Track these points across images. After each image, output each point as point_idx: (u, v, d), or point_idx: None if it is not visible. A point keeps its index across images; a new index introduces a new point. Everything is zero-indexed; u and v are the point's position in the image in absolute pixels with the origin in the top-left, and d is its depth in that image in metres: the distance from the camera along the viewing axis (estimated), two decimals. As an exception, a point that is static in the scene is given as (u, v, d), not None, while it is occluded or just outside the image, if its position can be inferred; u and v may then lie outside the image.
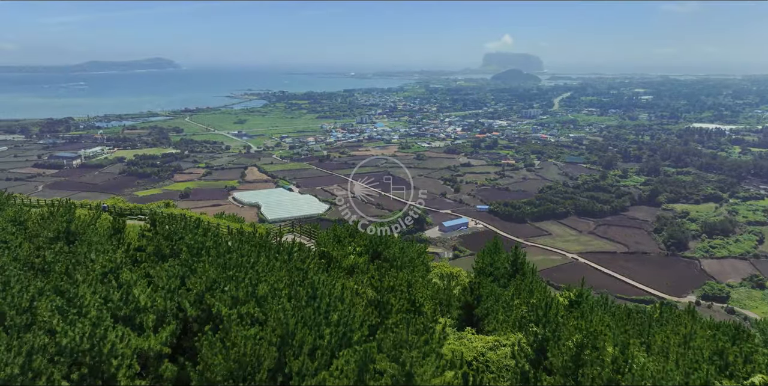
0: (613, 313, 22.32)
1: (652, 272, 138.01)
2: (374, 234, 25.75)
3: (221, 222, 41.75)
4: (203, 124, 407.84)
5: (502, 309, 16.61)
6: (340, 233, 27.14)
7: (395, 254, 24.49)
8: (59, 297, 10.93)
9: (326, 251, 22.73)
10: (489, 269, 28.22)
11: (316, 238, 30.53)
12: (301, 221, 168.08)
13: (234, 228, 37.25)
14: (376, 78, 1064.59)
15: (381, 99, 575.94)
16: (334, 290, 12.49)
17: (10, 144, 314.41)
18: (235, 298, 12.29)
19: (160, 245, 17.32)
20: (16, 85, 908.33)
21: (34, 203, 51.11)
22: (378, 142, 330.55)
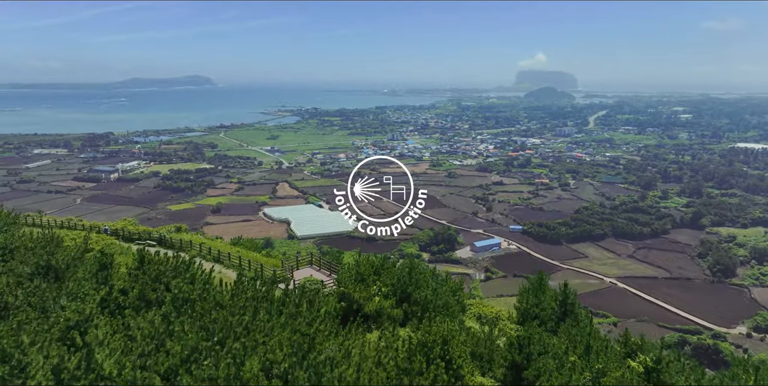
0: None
1: (697, 300, 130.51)
2: (403, 270, 22.95)
3: (235, 252, 39.04)
4: (237, 139, 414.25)
5: (557, 370, 13.69)
6: (364, 270, 24.27)
7: (427, 296, 21.44)
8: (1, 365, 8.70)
9: (347, 292, 20.25)
10: (534, 310, 24.93)
11: (337, 274, 27.31)
12: (331, 238, 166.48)
13: (227, 281, 33.90)
14: (408, 95, 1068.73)
15: (412, 116, 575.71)
16: (345, 374, 9.75)
17: (53, 158, 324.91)
18: (213, 379, 9.64)
19: (145, 288, 15.04)
20: (61, 101, 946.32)
21: (45, 222, 50.34)
22: (409, 159, 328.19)
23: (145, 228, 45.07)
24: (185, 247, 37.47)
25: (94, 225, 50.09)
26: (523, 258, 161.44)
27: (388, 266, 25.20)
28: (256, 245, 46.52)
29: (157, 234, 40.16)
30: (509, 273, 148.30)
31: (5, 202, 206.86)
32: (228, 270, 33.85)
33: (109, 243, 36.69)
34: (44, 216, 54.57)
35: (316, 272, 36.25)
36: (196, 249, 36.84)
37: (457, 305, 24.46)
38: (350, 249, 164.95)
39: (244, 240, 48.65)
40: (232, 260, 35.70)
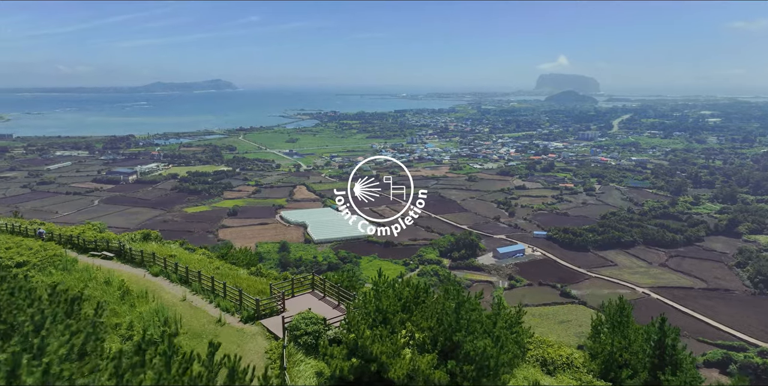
0: None
1: (738, 313, 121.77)
2: (446, 306, 15.72)
3: (213, 268, 30.13)
4: (256, 142, 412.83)
5: None
6: (388, 306, 16.90)
7: (486, 349, 14.07)
8: None
9: (362, 343, 13.33)
10: (621, 356, 18.41)
11: (348, 311, 18.70)
12: (348, 243, 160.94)
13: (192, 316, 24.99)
14: (427, 99, 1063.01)
15: (432, 120, 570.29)
16: None
17: (74, 160, 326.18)
18: None
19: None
20: (86, 104, 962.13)
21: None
22: (428, 162, 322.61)
23: (105, 235, 37.85)
24: (147, 261, 29.97)
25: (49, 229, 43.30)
26: (548, 265, 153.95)
27: (422, 298, 18.90)
28: (249, 259, 38.54)
29: (116, 243, 32.87)
30: (534, 281, 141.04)
31: (24, 203, 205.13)
32: (196, 296, 26.18)
33: (51, 255, 29.31)
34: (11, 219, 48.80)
35: (318, 300, 27.00)
36: (160, 265, 29.05)
37: (518, 348, 18.13)
38: (368, 254, 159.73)
39: (236, 251, 40.04)
40: (204, 282, 27.01)
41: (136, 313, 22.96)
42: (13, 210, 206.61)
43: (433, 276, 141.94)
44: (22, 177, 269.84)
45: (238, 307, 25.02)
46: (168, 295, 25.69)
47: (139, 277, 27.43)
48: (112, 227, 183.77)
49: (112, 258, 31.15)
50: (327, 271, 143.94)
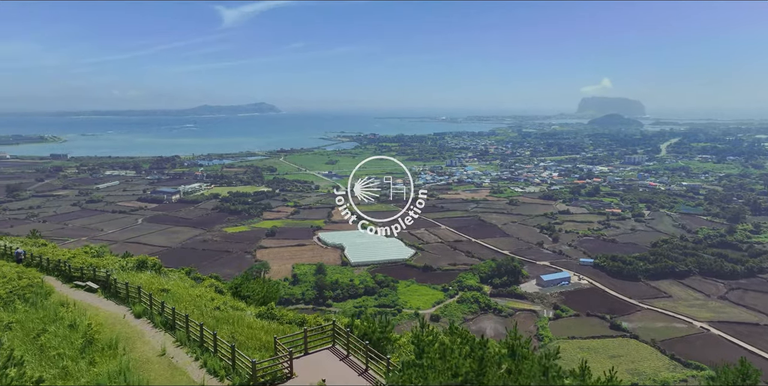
0: None
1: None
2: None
3: (212, 307, 24.35)
4: (296, 164, 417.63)
5: None
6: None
7: None
8: None
9: None
10: None
11: (384, 373, 15.56)
12: (386, 266, 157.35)
13: None
14: (467, 122, 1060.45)
15: (472, 142, 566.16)
16: None
17: (122, 179, 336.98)
18: None
19: None
20: (137, 126, 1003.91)
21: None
22: (468, 185, 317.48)
23: (94, 262, 31.96)
24: (132, 297, 24.76)
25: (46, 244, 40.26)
26: (596, 295, 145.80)
27: (493, 374, 13.49)
28: (266, 294, 31.31)
29: (103, 272, 27.46)
30: (581, 312, 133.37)
31: (72, 220, 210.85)
32: (180, 350, 20.62)
33: (24, 285, 25.20)
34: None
35: (339, 361, 20.33)
36: (145, 303, 23.81)
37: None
38: (406, 278, 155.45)
39: (252, 283, 33.74)
40: (193, 329, 21.13)
41: (93, 374, 18.20)
42: (61, 227, 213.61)
43: (473, 303, 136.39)
44: (72, 195, 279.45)
45: (230, 369, 19.23)
46: (145, 347, 20.61)
47: (118, 318, 22.76)
48: (154, 245, 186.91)
49: (96, 291, 26.55)
50: (364, 295, 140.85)
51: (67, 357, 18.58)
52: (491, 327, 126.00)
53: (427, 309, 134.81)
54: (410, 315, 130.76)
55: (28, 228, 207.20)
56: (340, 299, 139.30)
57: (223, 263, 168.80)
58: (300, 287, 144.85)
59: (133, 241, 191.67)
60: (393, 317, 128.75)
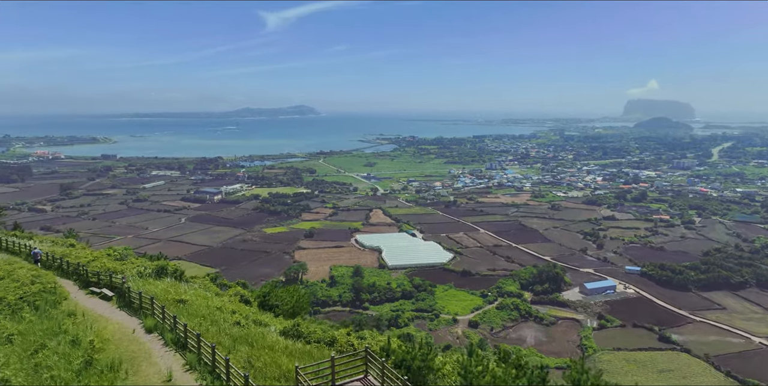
0: None
1: None
2: None
3: (232, 321, 21.67)
4: (335, 166, 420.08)
5: None
6: None
7: None
8: None
9: None
10: None
11: None
12: (423, 270, 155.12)
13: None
14: (507, 124, 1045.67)
15: (512, 145, 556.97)
16: None
17: (167, 179, 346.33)
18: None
19: None
20: (183, 128, 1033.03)
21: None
22: (508, 189, 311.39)
23: (113, 266, 28.83)
24: (146, 308, 22.04)
25: (70, 243, 38.84)
26: (643, 305, 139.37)
27: None
28: (296, 304, 28.07)
29: (119, 278, 24.94)
30: (627, 322, 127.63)
31: (120, 219, 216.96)
32: (189, 375, 18.02)
33: (36, 291, 22.97)
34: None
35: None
36: (158, 316, 21.05)
37: None
38: (444, 283, 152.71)
39: (280, 291, 29.93)
40: (205, 351, 18.12)
41: None
42: (109, 225, 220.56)
43: (513, 310, 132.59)
44: (120, 195, 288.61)
45: None
46: (150, 369, 18.12)
47: (126, 333, 20.45)
48: (196, 244, 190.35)
49: (111, 299, 24.36)
50: (401, 299, 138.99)
51: (61, 381, 16.45)
52: (532, 335, 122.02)
53: (465, 314, 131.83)
54: (448, 320, 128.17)
55: (79, 226, 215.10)
56: (377, 302, 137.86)
57: (262, 263, 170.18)
58: (337, 289, 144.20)
59: (176, 240, 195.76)
60: (431, 322, 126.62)
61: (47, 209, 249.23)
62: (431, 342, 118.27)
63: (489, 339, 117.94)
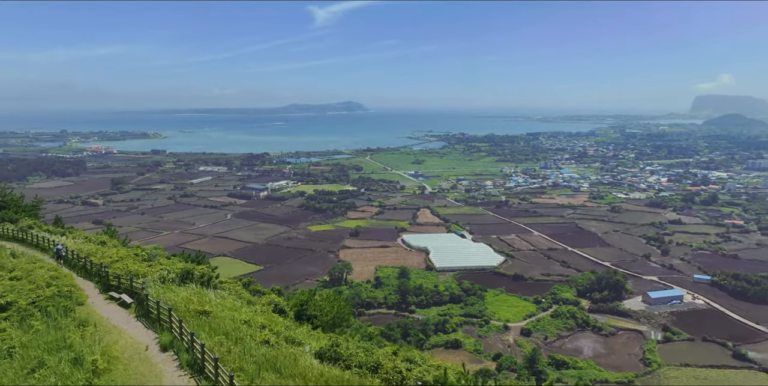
0: None
1: None
2: None
3: (261, 339, 17.60)
4: (382, 163, 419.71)
5: None
6: None
7: None
8: None
9: None
10: None
11: None
12: (472, 273, 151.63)
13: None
14: (563, 122, 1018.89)
15: (568, 143, 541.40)
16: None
17: (214, 175, 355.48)
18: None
19: None
20: (231, 123, 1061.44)
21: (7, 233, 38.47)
22: (564, 189, 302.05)
23: (136, 269, 25.88)
24: (163, 320, 19.13)
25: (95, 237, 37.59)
26: (714, 318, 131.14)
27: None
28: (336, 315, 25.33)
29: (139, 282, 22.33)
30: (696, 336, 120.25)
31: (167, 214, 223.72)
32: None
33: (50, 294, 21.02)
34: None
35: None
36: (175, 331, 17.98)
37: None
38: (494, 287, 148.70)
39: (320, 300, 26.79)
40: (224, 379, 14.21)
41: None
42: (157, 220, 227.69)
43: (569, 319, 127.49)
44: (168, 190, 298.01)
45: None
46: None
47: (139, 350, 17.84)
48: (241, 241, 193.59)
49: (129, 306, 22.18)
50: (449, 303, 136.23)
51: None
52: (590, 346, 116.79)
53: (517, 321, 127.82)
54: (499, 327, 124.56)
55: (128, 220, 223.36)
56: (423, 305, 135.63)
57: (307, 261, 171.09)
58: (382, 290, 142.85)
59: (221, 236, 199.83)
60: (480, 328, 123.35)
61: (99, 203, 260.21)
62: (480, 349, 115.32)
63: (543, 348, 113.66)
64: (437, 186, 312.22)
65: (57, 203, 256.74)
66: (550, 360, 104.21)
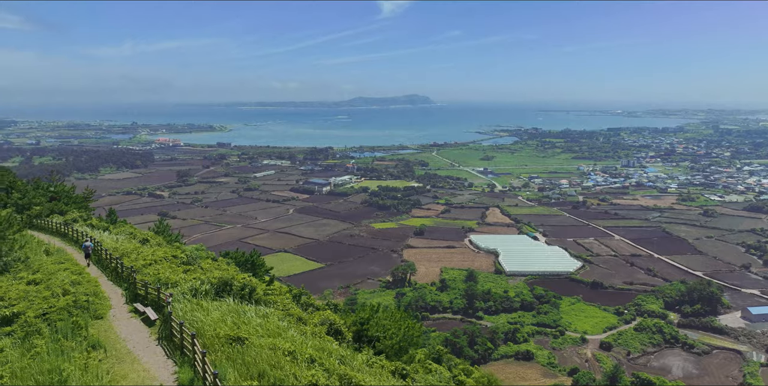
0: None
1: None
2: None
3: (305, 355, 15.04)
4: (448, 159, 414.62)
5: None
6: None
7: None
8: None
9: None
10: None
11: None
12: (546, 278, 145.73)
13: None
14: (647, 116, 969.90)
15: (654, 140, 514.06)
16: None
17: (277, 169, 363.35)
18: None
19: None
20: (295, 117, 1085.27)
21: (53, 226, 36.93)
22: (649, 190, 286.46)
23: (167, 276, 22.55)
24: (187, 348, 15.65)
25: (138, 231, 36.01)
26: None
27: None
28: (407, 336, 22.32)
29: (166, 294, 18.83)
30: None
31: (230, 207, 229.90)
32: None
33: (65, 304, 18.44)
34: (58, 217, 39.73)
35: None
36: (198, 365, 14.48)
37: None
38: (570, 295, 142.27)
39: (381, 318, 23.44)
40: None
41: None
42: (220, 213, 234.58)
43: (655, 333, 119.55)
44: (232, 183, 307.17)
45: None
46: None
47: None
48: (303, 237, 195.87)
49: (153, 324, 18.88)
50: (519, 310, 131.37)
51: None
52: (679, 365, 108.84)
53: (596, 334, 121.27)
54: (575, 339, 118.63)
55: (192, 213, 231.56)
56: (492, 311, 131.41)
57: (369, 260, 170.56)
58: (448, 294, 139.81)
59: (283, 231, 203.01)
60: (554, 339, 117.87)
61: (165, 195, 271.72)
62: (554, 362, 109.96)
63: (625, 365, 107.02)
64: (508, 184, 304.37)
65: (125, 194, 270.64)
66: (633, 379, 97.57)
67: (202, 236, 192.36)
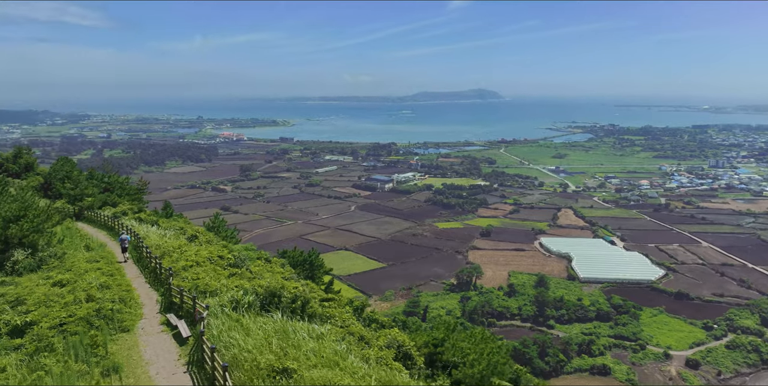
0: None
1: None
2: None
3: None
4: (517, 156, 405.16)
5: None
6: None
7: None
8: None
9: None
10: None
11: None
12: (624, 287, 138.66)
13: None
14: (739, 112, 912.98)
15: (746, 139, 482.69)
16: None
17: (339, 164, 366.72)
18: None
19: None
20: (358, 112, 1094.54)
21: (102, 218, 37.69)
22: (741, 193, 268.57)
23: (204, 283, 19.67)
24: (217, 372, 12.58)
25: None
26: None
27: None
28: (491, 364, 18.06)
29: (203, 306, 16.48)
30: None
31: (292, 203, 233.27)
32: None
33: (89, 312, 16.41)
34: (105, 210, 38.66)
35: None
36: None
37: None
38: (651, 305, 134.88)
39: (466, 339, 20.06)
40: None
41: None
42: (282, 208, 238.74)
43: (751, 352, 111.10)
44: (294, 178, 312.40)
45: None
46: None
47: None
48: (364, 235, 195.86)
49: (186, 342, 16.30)
50: (595, 320, 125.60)
51: None
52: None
53: (681, 350, 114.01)
54: (657, 354, 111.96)
55: (253, 208, 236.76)
56: (564, 321, 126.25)
57: (433, 261, 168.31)
58: (516, 300, 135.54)
59: (344, 228, 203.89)
60: (634, 354, 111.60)
61: (227, 189, 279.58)
62: (633, 378, 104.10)
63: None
64: (581, 184, 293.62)
65: (189, 187, 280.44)
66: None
67: (264, 232, 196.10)
